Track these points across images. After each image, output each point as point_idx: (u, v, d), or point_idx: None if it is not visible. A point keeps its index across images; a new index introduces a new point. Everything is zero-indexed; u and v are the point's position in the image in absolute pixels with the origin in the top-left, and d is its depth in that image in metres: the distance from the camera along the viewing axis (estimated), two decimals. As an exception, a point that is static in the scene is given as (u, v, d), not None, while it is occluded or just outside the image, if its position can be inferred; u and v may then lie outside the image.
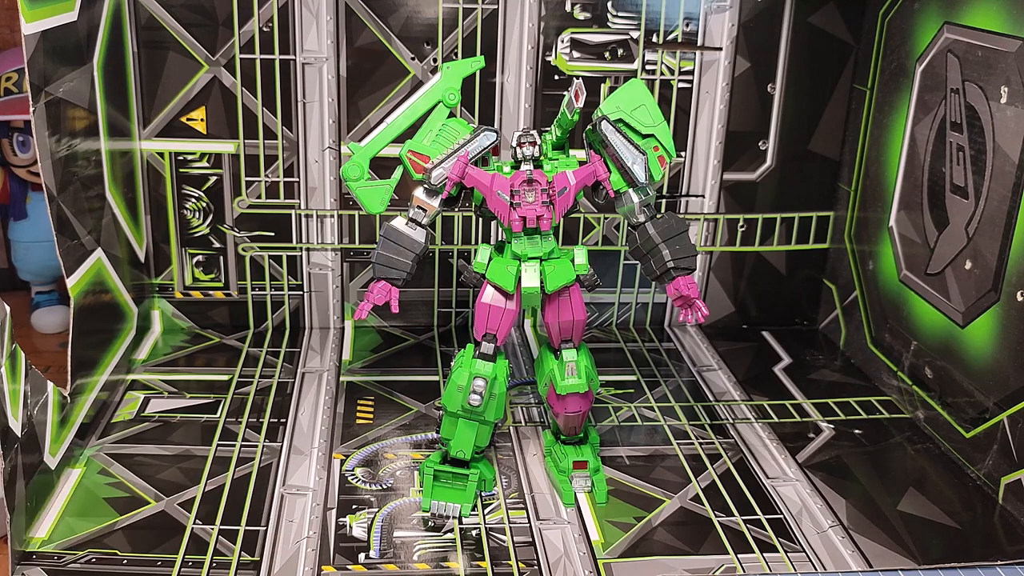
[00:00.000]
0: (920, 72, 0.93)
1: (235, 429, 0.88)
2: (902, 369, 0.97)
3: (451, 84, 0.75)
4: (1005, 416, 0.80)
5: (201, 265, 1.07)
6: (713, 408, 0.95)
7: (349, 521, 0.75)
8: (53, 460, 0.77)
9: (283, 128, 1.02)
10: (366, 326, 1.11)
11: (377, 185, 0.76)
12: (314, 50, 1.00)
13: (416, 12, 1.00)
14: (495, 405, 0.75)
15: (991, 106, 0.82)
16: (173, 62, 0.99)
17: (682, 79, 1.05)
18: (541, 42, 1.02)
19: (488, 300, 0.75)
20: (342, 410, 0.92)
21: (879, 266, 1.02)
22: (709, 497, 0.80)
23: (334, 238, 1.06)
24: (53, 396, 0.77)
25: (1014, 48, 0.78)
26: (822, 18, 1.04)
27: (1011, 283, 0.79)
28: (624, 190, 0.75)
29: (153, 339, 1.06)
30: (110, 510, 0.76)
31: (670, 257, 0.74)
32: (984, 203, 0.83)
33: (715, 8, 1.03)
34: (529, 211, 0.73)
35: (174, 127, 1.01)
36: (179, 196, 1.04)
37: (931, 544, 0.75)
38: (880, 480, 0.84)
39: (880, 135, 1.01)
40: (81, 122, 0.84)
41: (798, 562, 0.72)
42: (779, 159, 1.09)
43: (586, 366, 0.77)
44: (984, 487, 0.83)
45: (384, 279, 0.74)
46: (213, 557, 0.71)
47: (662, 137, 0.74)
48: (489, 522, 0.76)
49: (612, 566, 0.71)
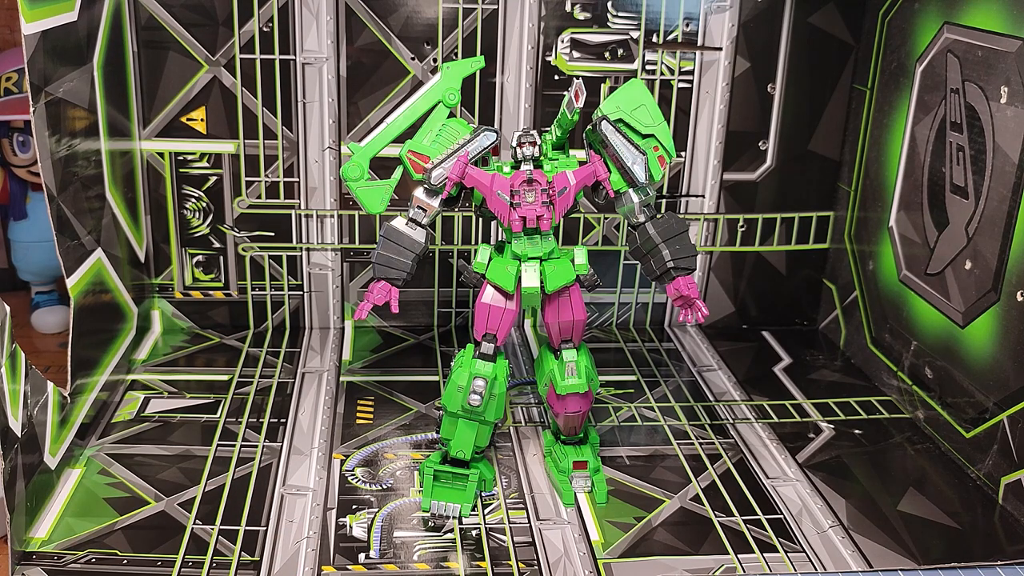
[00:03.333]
0: (920, 72, 0.93)
1: (235, 429, 0.88)
2: (902, 369, 0.97)
3: (451, 84, 0.75)
4: (1005, 416, 0.80)
5: (201, 265, 1.07)
6: (713, 408, 0.95)
7: (349, 521, 0.75)
8: (53, 460, 0.77)
9: (283, 128, 1.02)
10: (366, 326, 1.11)
11: (377, 185, 0.76)
12: (314, 50, 1.00)
13: (416, 12, 1.00)
14: (495, 405, 0.75)
15: (991, 106, 0.82)
16: (173, 62, 0.99)
17: (682, 79, 1.04)
18: (541, 42, 1.02)
19: (488, 300, 0.75)
20: (342, 410, 0.92)
21: (879, 266, 1.02)
22: (709, 497, 0.80)
23: (334, 238, 1.06)
24: (53, 396, 0.77)
25: (1014, 48, 0.78)
26: (822, 18, 1.04)
27: (1011, 283, 0.79)
28: (624, 190, 0.75)
29: (153, 339, 1.06)
30: (110, 510, 0.76)
31: (670, 257, 0.74)
32: (984, 203, 0.83)
33: (715, 8, 1.03)
34: (529, 211, 0.73)
35: (174, 127, 1.01)
36: (179, 196, 1.04)
37: (931, 544, 0.75)
38: (880, 480, 0.84)
39: (880, 135, 1.01)
40: (81, 122, 0.84)
41: (798, 562, 0.72)
42: (779, 159, 1.08)
43: (586, 366, 0.77)
44: (984, 487, 0.83)
45: (384, 279, 0.74)
46: (213, 557, 0.71)
47: (662, 137, 0.74)
48: (489, 522, 0.76)
49: (612, 566, 0.71)
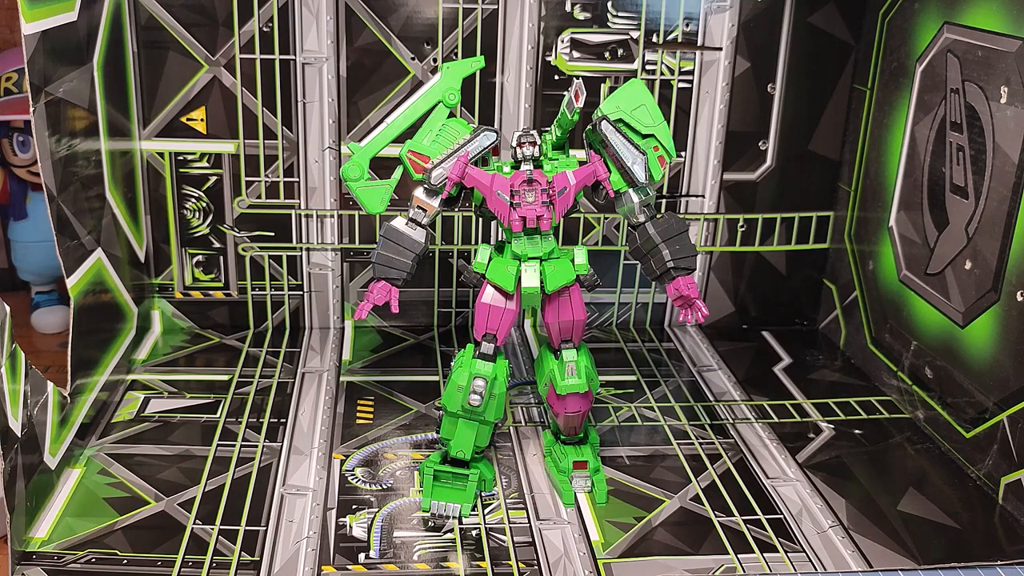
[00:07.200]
0: (920, 72, 0.93)
1: (235, 429, 0.88)
2: (902, 369, 0.97)
3: (451, 84, 0.75)
4: (1005, 416, 0.80)
5: (201, 265, 1.07)
6: (713, 408, 0.95)
7: (349, 521, 0.75)
8: (53, 460, 0.77)
9: (283, 128, 1.02)
10: (366, 326, 1.11)
11: (377, 185, 0.76)
12: (314, 50, 1.00)
13: (416, 12, 1.00)
14: (495, 405, 0.75)
15: (991, 106, 0.82)
16: (173, 62, 0.99)
17: (682, 79, 1.04)
18: (541, 42, 1.02)
19: (488, 300, 0.75)
20: (342, 410, 0.92)
21: (879, 266, 1.02)
22: (709, 497, 0.80)
23: (334, 238, 1.06)
24: (53, 396, 0.77)
25: (1014, 48, 0.78)
26: (822, 18, 1.04)
27: (1011, 283, 0.79)
28: (624, 190, 0.75)
29: (153, 339, 1.06)
30: (110, 510, 0.76)
31: (670, 257, 0.74)
32: (984, 203, 0.83)
33: (715, 8, 1.03)
34: (529, 211, 0.73)
35: (174, 127, 1.01)
36: (179, 196, 1.04)
37: (931, 544, 0.75)
38: (880, 480, 0.84)
39: (880, 135, 1.01)
40: (81, 122, 0.84)
41: (798, 562, 0.72)
42: (779, 159, 1.08)
43: (586, 366, 0.77)
44: (984, 487, 0.83)
45: (384, 279, 0.74)
46: (213, 557, 0.71)
47: (662, 137, 0.74)
48: (489, 522, 0.76)
49: (612, 566, 0.71)
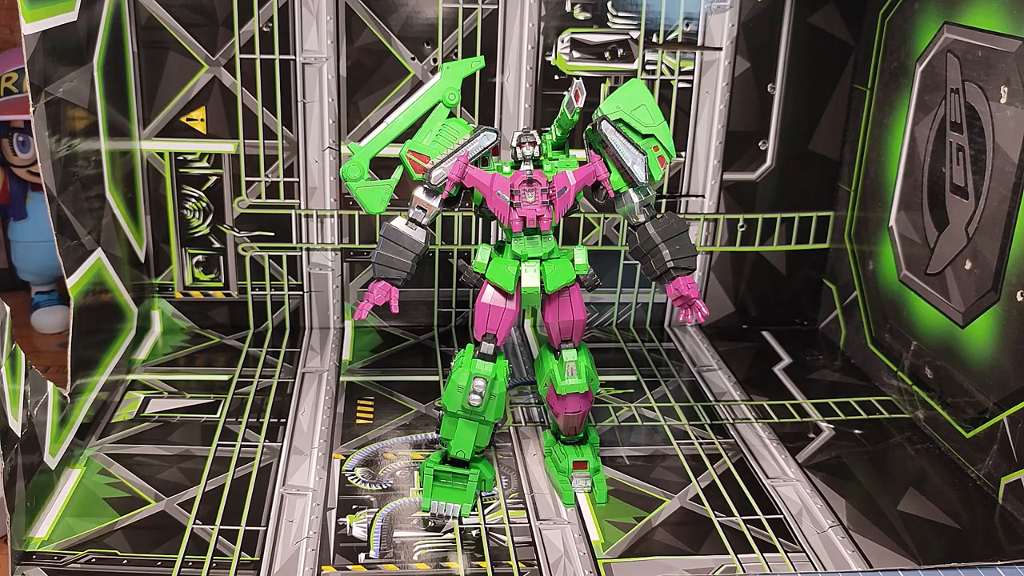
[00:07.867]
0: (920, 72, 0.93)
1: (235, 429, 0.88)
2: (902, 369, 0.97)
3: (451, 84, 0.75)
4: (1005, 416, 0.80)
5: (201, 265, 1.07)
6: (713, 408, 0.95)
7: (349, 521, 0.75)
8: (53, 460, 0.77)
9: (283, 128, 1.02)
10: (366, 326, 1.11)
11: (377, 185, 0.76)
12: (314, 50, 1.00)
13: (416, 12, 1.00)
14: (495, 405, 0.75)
15: (991, 106, 0.81)
16: (173, 62, 0.99)
17: (682, 79, 1.04)
18: (541, 42, 1.02)
19: (488, 300, 0.75)
20: (342, 410, 0.92)
21: (879, 266, 1.02)
22: (709, 497, 0.80)
23: (334, 238, 1.06)
24: (53, 396, 0.77)
25: (1014, 48, 0.78)
26: (822, 18, 1.04)
27: (1011, 283, 0.79)
28: (624, 190, 0.75)
29: (153, 339, 1.06)
30: (110, 510, 0.76)
31: (670, 257, 0.74)
32: (984, 203, 0.83)
33: (715, 8, 1.03)
34: (529, 211, 0.73)
35: (174, 127, 1.01)
36: (179, 196, 1.04)
37: (931, 544, 0.75)
38: (880, 480, 0.84)
39: (880, 135, 1.01)
40: (81, 122, 0.84)
41: (798, 562, 0.72)
42: (779, 159, 1.08)
43: (586, 366, 0.77)
44: (984, 487, 0.83)
45: (384, 279, 0.74)
46: (213, 557, 0.71)
47: (662, 137, 0.74)
48: (489, 522, 0.76)
49: (612, 566, 0.71)
